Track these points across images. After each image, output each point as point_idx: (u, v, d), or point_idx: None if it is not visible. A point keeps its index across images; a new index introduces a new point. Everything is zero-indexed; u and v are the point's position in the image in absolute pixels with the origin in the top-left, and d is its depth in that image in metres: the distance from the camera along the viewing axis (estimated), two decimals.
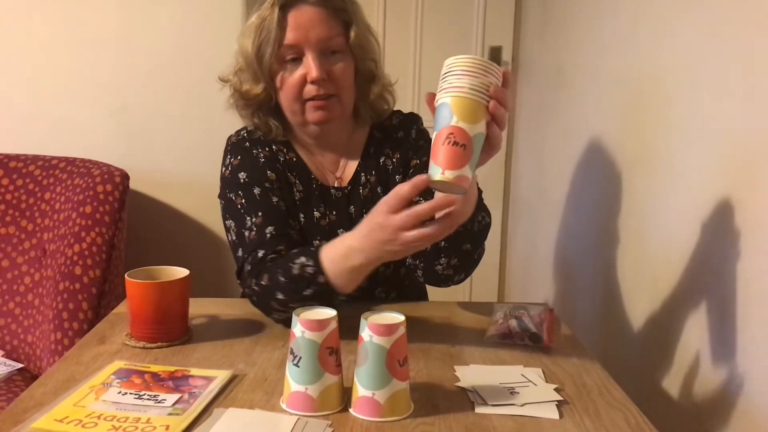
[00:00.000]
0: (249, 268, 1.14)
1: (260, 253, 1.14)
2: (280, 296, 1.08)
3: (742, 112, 1.01)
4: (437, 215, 0.94)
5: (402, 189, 0.93)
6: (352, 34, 1.21)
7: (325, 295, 1.04)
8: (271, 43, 1.18)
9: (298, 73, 1.19)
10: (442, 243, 1.09)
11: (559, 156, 1.90)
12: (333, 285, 1.04)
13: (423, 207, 0.92)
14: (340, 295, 1.05)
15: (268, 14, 1.18)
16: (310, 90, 1.19)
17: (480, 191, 1.08)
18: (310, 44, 1.17)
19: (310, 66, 1.17)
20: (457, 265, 1.13)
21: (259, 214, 1.18)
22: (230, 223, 1.21)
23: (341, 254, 1.02)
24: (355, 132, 1.32)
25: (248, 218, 1.18)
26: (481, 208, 1.09)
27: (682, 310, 1.17)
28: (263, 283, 1.10)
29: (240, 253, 1.17)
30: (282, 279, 1.07)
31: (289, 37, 1.18)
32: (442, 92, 0.89)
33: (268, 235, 1.16)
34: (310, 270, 1.05)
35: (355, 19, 1.22)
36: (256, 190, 1.21)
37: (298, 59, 1.19)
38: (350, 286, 1.05)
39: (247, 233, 1.17)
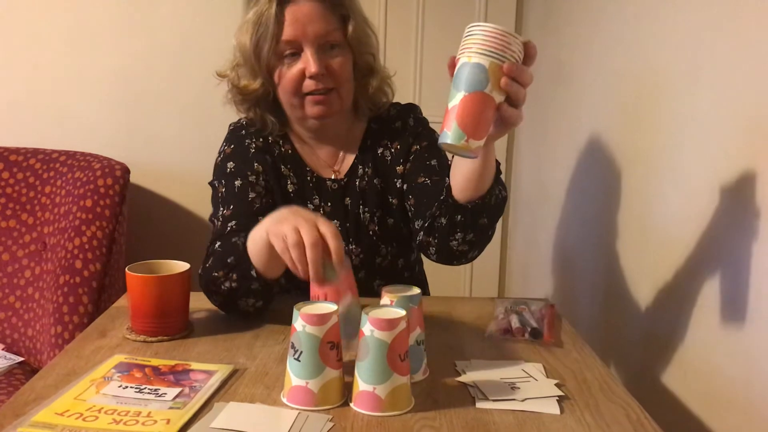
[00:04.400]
0: (205, 256, 1.16)
1: (217, 244, 1.16)
2: (215, 273, 1.10)
3: (742, 108, 1.01)
4: None
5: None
6: (350, 28, 1.21)
7: (243, 265, 1.06)
8: (269, 39, 1.18)
9: (297, 68, 1.19)
10: (459, 217, 1.08)
11: (560, 151, 1.89)
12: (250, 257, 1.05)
13: None
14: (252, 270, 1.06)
15: (265, 9, 1.18)
16: (309, 85, 1.19)
17: (498, 163, 1.07)
18: (308, 39, 1.17)
19: (308, 61, 1.17)
20: (473, 240, 1.12)
21: (231, 207, 1.21)
22: (212, 210, 1.25)
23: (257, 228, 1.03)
24: (354, 125, 1.32)
25: (222, 209, 1.21)
26: (497, 181, 1.08)
27: (683, 305, 1.17)
28: (206, 266, 1.13)
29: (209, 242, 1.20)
30: (220, 250, 1.11)
31: (287, 32, 1.17)
32: (476, 52, 0.86)
33: (229, 228, 1.18)
34: (242, 238, 1.06)
35: (352, 13, 1.22)
36: (237, 182, 1.23)
37: (296, 54, 1.19)
38: (258, 265, 1.05)
39: (216, 222, 1.21)
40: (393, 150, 1.30)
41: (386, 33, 2.30)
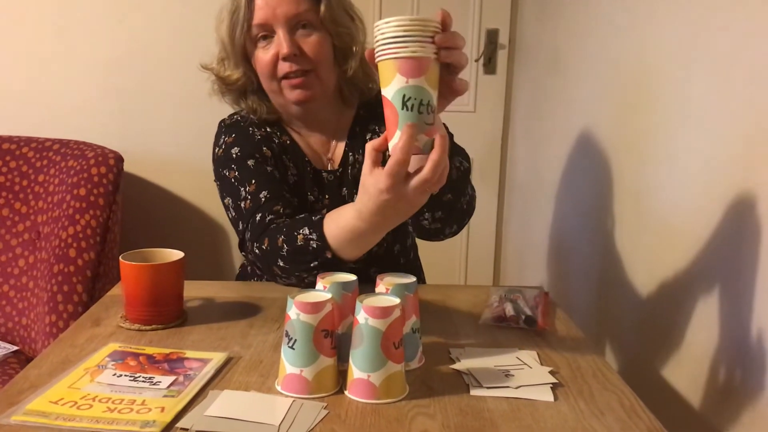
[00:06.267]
0: (249, 234, 1.14)
1: (258, 217, 1.14)
2: (281, 263, 1.09)
3: (736, 96, 1.01)
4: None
5: (374, 142, 0.91)
6: (322, 8, 1.19)
7: (332, 266, 1.04)
8: (241, 24, 1.18)
9: (271, 51, 1.18)
10: None
11: (555, 140, 1.89)
12: (340, 257, 1.04)
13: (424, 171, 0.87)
14: (349, 263, 1.05)
15: None
16: (283, 67, 1.19)
17: (451, 135, 1.05)
18: (279, 21, 1.17)
19: (280, 43, 1.17)
20: (443, 218, 1.11)
21: (253, 182, 1.18)
22: (228, 200, 1.21)
23: (346, 230, 1.01)
24: (344, 113, 1.32)
25: (242, 189, 1.18)
26: (456, 153, 1.05)
27: (677, 292, 1.18)
28: (264, 247, 1.10)
29: (240, 226, 1.17)
30: (286, 247, 1.08)
31: (258, 16, 1.17)
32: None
33: (263, 199, 1.16)
34: (314, 244, 1.05)
35: None
36: (250, 162, 1.21)
37: (270, 37, 1.19)
38: (359, 255, 1.05)
39: (243, 204, 1.17)
40: (380, 135, 1.29)
41: None
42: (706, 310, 1.08)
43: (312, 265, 1.06)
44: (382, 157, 0.91)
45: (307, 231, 1.06)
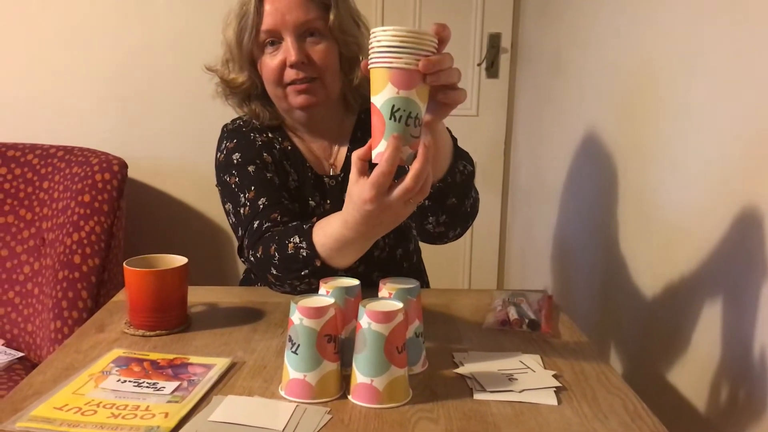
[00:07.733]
0: (247, 241, 1.15)
1: (255, 224, 1.15)
2: (274, 271, 1.10)
3: (742, 98, 1.00)
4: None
5: (359, 152, 0.90)
6: (331, 16, 1.20)
7: (322, 274, 1.04)
8: (249, 29, 1.18)
9: (278, 58, 1.19)
10: (426, 202, 1.07)
11: (558, 143, 1.89)
12: (329, 265, 1.05)
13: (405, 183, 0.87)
14: (339, 270, 1.06)
15: (247, 0, 1.18)
16: (290, 74, 1.19)
17: (455, 139, 1.06)
18: (287, 28, 1.17)
19: (288, 50, 1.17)
20: (447, 221, 1.12)
21: (252, 188, 1.19)
22: (228, 206, 1.22)
23: (333, 238, 1.02)
24: (346, 119, 1.32)
25: (242, 195, 1.19)
26: (460, 157, 1.06)
27: (681, 295, 1.17)
28: (258, 255, 1.12)
29: (239, 232, 1.18)
30: (277, 255, 1.09)
31: (267, 22, 1.18)
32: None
33: (261, 206, 1.17)
34: (304, 252, 1.05)
35: (335, 2, 1.21)
36: (251, 168, 1.22)
37: (277, 44, 1.19)
38: (349, 263, 1.05)
39: (242, 210, 1.18)
40: None
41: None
42: (710, 313, 1.08)
43: (303, 273, 1.06)
44: (368, 166, 0.91)
45: (297, 239, 1.06)
